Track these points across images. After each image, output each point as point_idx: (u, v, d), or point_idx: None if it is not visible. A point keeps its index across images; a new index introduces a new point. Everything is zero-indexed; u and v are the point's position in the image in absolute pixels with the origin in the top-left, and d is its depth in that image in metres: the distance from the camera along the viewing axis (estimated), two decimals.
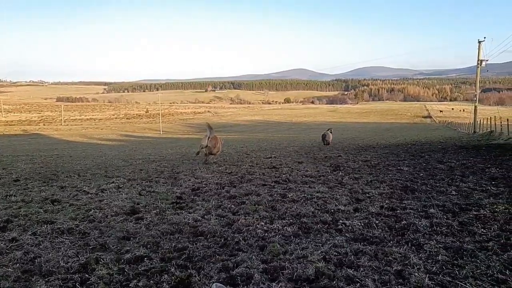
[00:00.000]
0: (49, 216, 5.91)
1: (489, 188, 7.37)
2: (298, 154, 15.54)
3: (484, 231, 4.74)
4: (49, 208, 6.48)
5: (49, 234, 4.99)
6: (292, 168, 10.89)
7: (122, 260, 4.06)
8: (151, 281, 3.58)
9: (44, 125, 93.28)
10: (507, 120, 24.69)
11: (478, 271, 3.61)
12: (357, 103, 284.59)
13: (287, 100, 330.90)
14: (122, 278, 3.65)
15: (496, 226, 4.89)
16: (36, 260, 4.09)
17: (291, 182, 8.62)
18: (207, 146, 12.21)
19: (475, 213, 5.54)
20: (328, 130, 22.30)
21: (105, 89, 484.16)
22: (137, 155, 17.82)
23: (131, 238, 4.83)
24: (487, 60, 37.32)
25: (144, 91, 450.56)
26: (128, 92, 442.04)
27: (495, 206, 5.90)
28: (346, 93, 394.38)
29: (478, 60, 37.01)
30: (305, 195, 7.04)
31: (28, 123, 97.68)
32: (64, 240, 4.78)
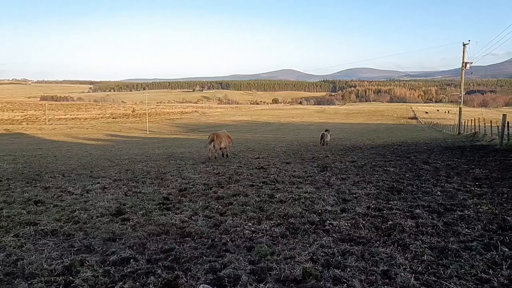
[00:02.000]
0: (32, 217, 5.81)
1: (473, 188, 7.49)
2: (286, 155, 15.57)
3: (468, 231, 4.81)
4: (32, 209, 6.38)
5: (32, 236, 4.90)
6: (280, 169, 10.91)
7: (108, 262, 4.01)
8: (137, 283, 3.54)
9: (27, 124, 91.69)
10: (491, 121, 25.14)
11: (462, 270, 3.66)
12: (344, 104, 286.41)
13: (275, 101, 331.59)
14: (107, 280, 3.61)
15: (480, 226, 4.97)
16: (18, 263, 4.01)
17: (279, 182, 8.64)
18: (213, 146, 13.50)
19: (459, 213, 5.63)
20: (326, 130, 22.55)
21: (90, 88, 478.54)
22: (123, 155, 17.64)
23: (117, 240, 4.77)
24: (471, 63, 37.94)
25: (130, 91, 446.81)
26: (114, 91, 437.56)
27: (479, 206, 6.00)
28: (333, 94, 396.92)
29: (463, 62, 37.60)
30: (293, 196, 7.05)
31: (11, 122, 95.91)
32: (47, 242, 4.70)
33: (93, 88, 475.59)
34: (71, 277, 3.67)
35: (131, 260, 4.05)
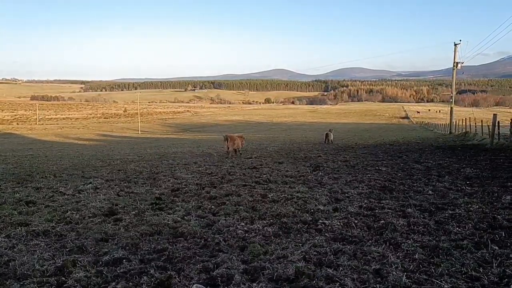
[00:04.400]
0: (23, 218, 5.76)
1: (464, 187, 7.57)
2: (278, 155, 15.60)
3: (459, 229, 4.86)
4: (24, 209, 6.33)
5: (23, 237, 4.86)
6: (272, 169, 10.93)
7: (100, 262, 4.00)
8: (130, 283, 3.53)
9: (17, 124, 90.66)
10: (481, 121, 25.36)
11: (453, 268, 3.70)
12: (337, 103, 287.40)
13: (268, 100, 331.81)
14: (100, 281, 3.59)
15: (471, 225, 5.03)
16: (10, 264, 3.98)
17: (272, 182, 8.65)
18: (228, 148, 14.76)
19: (450, 212, 5.68)
20: (329, 130, 24.01)
21: (82, 87, 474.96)
22: (115, 155, 17.54)
23: (110, 240, 4.75)
24: (462, 63, 38.25)
25: (122, 90, 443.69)
26: (105, 91, 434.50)
27: (470, 205, 6.06)
28: (326, 93, 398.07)
29: (454, 62, 37.90)
30: (286, 195, 7.08)
31: (1, 122, 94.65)
32: (39, 242, 4.67)
33: (84, 88, 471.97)
34: (63, 278, 3.65)
35: (124, 260, 4.04)
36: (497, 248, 4.18)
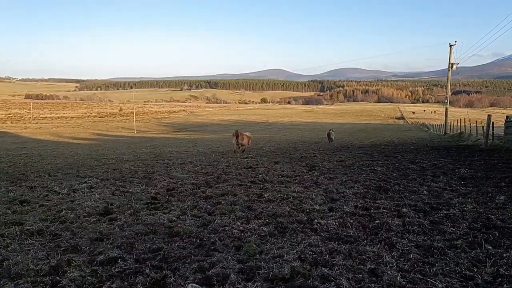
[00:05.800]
0: (17, 217, 5.73)
1: (459, 188, 7.61)
2: (274, 154, 15.61)
3: (454, 229, 4.89)
4: (18, 209, 6.29)
5: (17, 236, 4.83)
6: (268, 168, 10.93)
7: (95, 262, 3.98)
8: (125, 283, 3.52)
9: (11, 123, 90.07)
10: (476, 122, 25.52)
11: (448, 268, 3.72)
12: (333, 104, 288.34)
13: (264, 100, 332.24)
14: (95, 280, 3.57)
15: (465, 225, 5.05)
16: (4, 263, 3.94)
17: (268, 182, 8.66)
18: (236, 142, 15.65)
19: (445, 212, 5.71)
20: (331, 130, 25.93)
21: (77, 86, 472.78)
22: (110, 155, 17.49)
23: (105, 239, 4.73)
24: (458, 64, 38.50)
25: (117, 89, 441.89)
26: (101, 90, 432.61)
27: (464, 205, 6.09)
28: (322, 94, 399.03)
29: (449, 63, 38.12)
30: (281, 195, 7.07)
31: None
32: (33, 242, 4.64)
33: (79, 87, 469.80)
34: (58, 277, 3.63)
35: (119, 259, 4.02)
36: (491, 247, 4.21)
